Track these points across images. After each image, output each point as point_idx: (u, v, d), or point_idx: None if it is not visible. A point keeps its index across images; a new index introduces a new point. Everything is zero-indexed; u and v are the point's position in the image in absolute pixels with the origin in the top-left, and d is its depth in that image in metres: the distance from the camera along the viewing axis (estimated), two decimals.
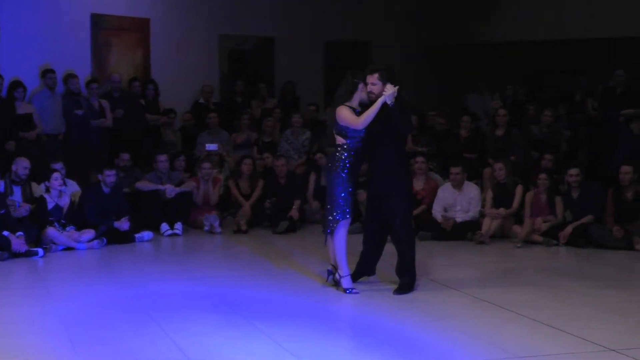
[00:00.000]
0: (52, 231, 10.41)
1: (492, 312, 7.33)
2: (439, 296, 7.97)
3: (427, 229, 11.37)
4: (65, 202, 10.85)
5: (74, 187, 11.60)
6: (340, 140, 7.83)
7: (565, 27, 15.68)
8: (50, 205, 10.70)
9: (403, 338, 6.54)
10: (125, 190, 11.84)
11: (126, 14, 14.53)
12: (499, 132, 12.80)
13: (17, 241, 9.92)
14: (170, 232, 11.55)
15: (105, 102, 13.22)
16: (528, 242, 10.84)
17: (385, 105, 7.61)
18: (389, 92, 7.61)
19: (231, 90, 15.38)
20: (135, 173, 12.41)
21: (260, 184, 12.50)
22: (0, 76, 12.37)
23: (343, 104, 7.79)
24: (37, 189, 11.22)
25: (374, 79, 7.81)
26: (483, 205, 11.60)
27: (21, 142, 12.20)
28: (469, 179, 11.97)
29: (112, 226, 10.93)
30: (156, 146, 13.46)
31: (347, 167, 7.78)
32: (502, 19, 16.72)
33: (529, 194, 11.34)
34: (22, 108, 12.40)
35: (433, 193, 11.76)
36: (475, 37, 17.12)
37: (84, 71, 13.69)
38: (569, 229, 10.72)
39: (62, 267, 9.73)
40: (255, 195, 12.39)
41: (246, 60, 15.98)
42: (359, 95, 7.86)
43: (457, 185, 11.57)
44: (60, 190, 10.84)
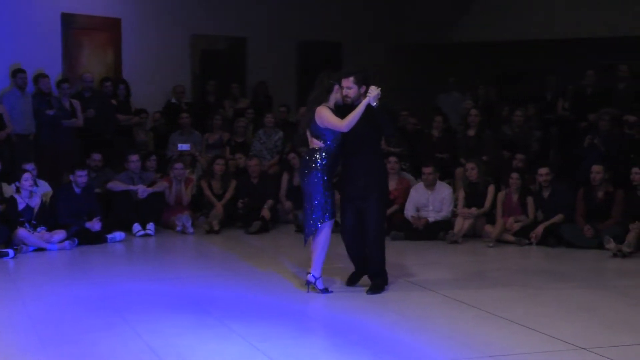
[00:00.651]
0: (22, 232, 10.34)
1: (464, 312, 7.35)
2: (412, 296, 7.97)
3: (400, 228, 11.40)
4: (36, 202, 10.78)
5: (45, 188, 11.53)
6: (316, 143, 7.69)
7: (536, 28, 15.78)
8: (20, 206, 10.62)
9: (376, 338, 6.54)
10: (97, 190, 11.80)
11: (97, 13, 14.48)
12: (471, 132, 12.85)
13: None
14: (142, 232, 11.50)
15: (76, 102, 13.15)
16: (500, 241, 10.88)
17: (369, 107, 7.50)
18: (373, 93, 7.49)
19: (204, 90, 15.35)
20: (106, 173, 12.36)
21: (233, 184, 12.48)
22: None
23: (322, 104, 7.66)
24: (8, 190, 11.14)
25: (349, 82, 7.71)
26: (455, 205, 11.66)
27: None
28: (442, 179, 12.04)
29: (83, 227, 10.88)
30: (128, 146, 13.39)
31: (324, 168, 7.66)
32: (473, 19, 16.79)
33: (500, 194, 11.39)
34: None
35: (405, 193, 11.79)
36: (446, 38, 17.20)
37: (55, 71, 13.64)
38: (540, 228, 10.80)
39: (33, 268, 9.66)
40: (228, 196, 12.37)
41: (218, 60, 15.95)
42: (334, 97, 7.73)
43: (430, 185, 11.60)
44: (31, 191, 10.76)
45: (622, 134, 12.38)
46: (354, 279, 8.19)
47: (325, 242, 7.79)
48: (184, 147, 13.30)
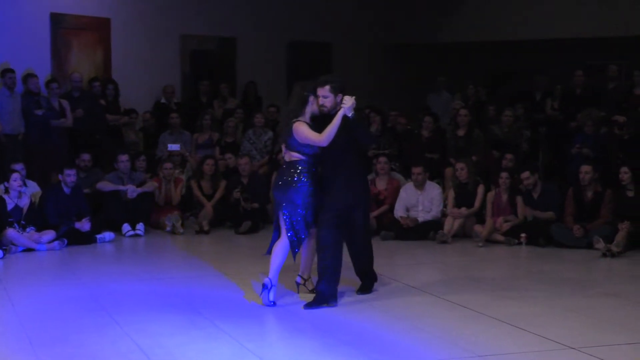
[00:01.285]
0: (11, 232, 10.32)
1: (453, 311, 7.35)
2: (401, 296, 7.98)
3: (390, 228, 11.40)
4: (25, 202, 10.76)
5: (34, 188, 11.51)
6: (296, 156, 7.44)
7: (525, 28, 15.81)
8: (9, 206, 10.61)
9: (366, 338, 6.54)
10: (86, 190, 11.78)
11: (86, 13, 14.45)
12: (461, 132, 12.85)
13: None
14: (132, 232, 11.49)
15: (65, 102, 13.11)
16: (490, 241, 10.90)
17: (345, 117, 7.29)
18: (348, 104, 7.31)
19: (197, 89, 15.34)
20: (95, 173, 12.34)
21: (223, 184, 12.47)
22: None
23: (298, 120, 7.41)
24: None
25: (325, 91, 7.44)
26: (445, 205, 11.67)
27: None
28: (431, 179, 12.04)
29: (73, 227, 10.87)
30: (117, 146, 13.37)
31: (305, 182, 7.41)
32: (462, 19, 16.81)
33: (490, 194, 11.41)
34: None
35: (395, 193, 11.79)
36: (436, 38, 17.21)
37: (44, 71, 13.60)
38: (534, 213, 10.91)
39: (22, 268, 9.65)
40: (218, 196, 12.36)
41: (208, 60, 15.93)
42: (310, 109, 7.48)
43: (419, 185, 11.61)
44: (20, 191, 10.74)
45: (611, 134, 12.40)
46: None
47: (285, 254, 7.52)
48: (173, 147, 13.28)
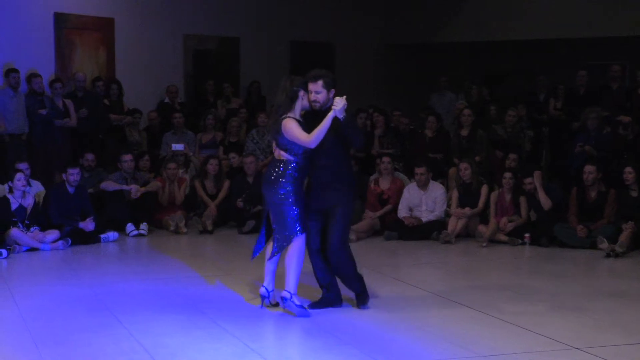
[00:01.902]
0: (16, 232, 10.33)
1: (457, 311, 7.35)
2: (405, 295, 7.98)
3: (393, 228, 11.40)
4: (29, 202, 10.77)
5: (38, 188, 11.53)
6: (284, 155, 7.15)
7: (527, 28, 15.80)
8: (14, 206, 10.61)
9: (368, 337, 6.55)
10: (90, 190, 11.78)
11: (90, 13, 14.46)
12: (464, 133, 12.85)
13: None
14: (135, 232, 11.50)
15: (69, 102, 13.13)
16: (493, 241, 10.89)
17: (335, 119, 6.95)
18: (340, 105, 6.94)
19: (202, 89, 15.35)
20: (99, 173, 12.35)
21: (226, 184, 12.47)
22: None
23: (287, 116, 7.11)
24: (0, 189, 11.13)
25: (318, 86, 7.14)
26: (449, 205, 11.67)
27: None
28: (435, 179, 12.03)
29: (77, 227, 10.88)
30: (120, 146, 13.39)
31: (294, 181, 7.14)
32: (464, 19, 16.80)
33: (493, 194, 11.40)
34: None
35: (399, 193, 11.79)
36: (439, 38, 17.21)
37: (48, 71, 13.61)
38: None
39: (26, 268, 9.66)
40: (221, 196, 12.36)
41: (211, 60, 15.95)
42: (300, 104, 7.18)
43: (423, 185, 11.61)
44: (24, 191, 10.75)
45: (615, 134, 12.39)
46: (321, 305, 7.47)
47: (300, 257, 7.22)
48: (178, 147, 13.29)
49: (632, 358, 6.05)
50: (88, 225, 10.95)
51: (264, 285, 7.38)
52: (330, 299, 7.45)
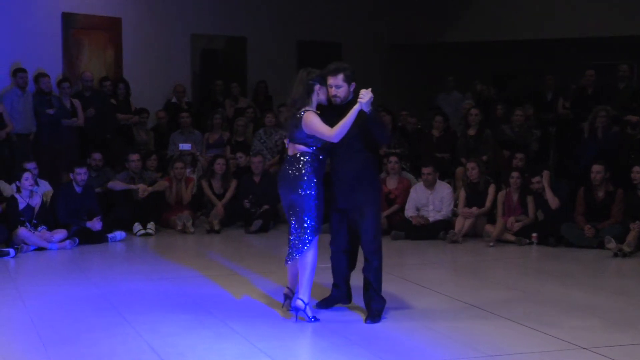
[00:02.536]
0: (23, 231, 10.35)
1: (464, 311, 7.35)
2: (412, 295, 7.97)
3: (400, 228, 11.41)
4: (36, 202, 10.79)
5: (45, 187, 11.55)
6: (301, 149, 6.87)
7: (534, 27, 15.79)
8: (21, 206, 10.63)
9: (376, 337, 6.54)
10: (97, 190, 11.80)
11: (98, 13, 14.49)
12: (471, 132, 12.84)
13: None
14: (142, 232, 11.52)
15: (77, 102, 13.16)
16: (501, 241, 10.89)
17: (361, 112, 6.66)
18: (366, 98, 6.61)
19: (210, 89, 15.36)
20: (106, 173, 12.37)
21: (233, 183, 12.48)
22: None
23: (307, 109, 6.84)
24: (8, 189, 11.16)
25: (338, 80, 6.87)
26: (456, 205, 11.67)
27: None
28: (442, 179, 12.04)
29: (84, 226, 10.90)
30: (127, 146, 13.41)
31: (315, 173, 6.88)
32: (471, 19, 16.79)
33: (501, 193, 11.40)
34: None
35: (406, 192, 11.79)
36: (445, 37, 17.21)
37: (55, 70, 13.65)
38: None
39: (33, 267, 9.68)
40: (228, 195, 12.38)
41: (218, 59, 15.96)
42: (317, 98, 6.90)
43: (429, 185, 11.61)
44: (32, 190, 10.77)
45: (623, 133, 12.36)
46: (329, 303, 7.37)
47: (314, 262, 6.95)
48: (185, 146, 13.30)
49: None
50: (95, 224, 10.97)
51: (289, 288, 7.20)
52: (337, 297, 7.34)
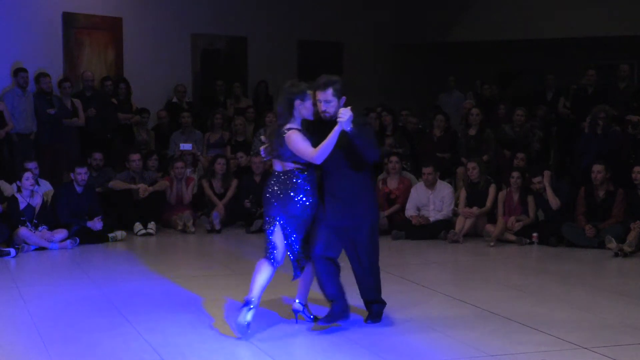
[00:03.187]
0: (24, 231, 10.37)
1: (465, 310, 7.36)
2: (412, 295, 7.99)
3: (401, 228, 11.42)
4: (37, 201, 10.81)
5: (46, 187, 11.57)
6: (290, 165, 6.60)
7: (535, 27, 15.81)
8: (22, 205, 10.66)
9: (376, 337, 6.55)
10: (98, 189, 11.82)
11: (98, 13, 14.52)
12: (472, 132, 12.86)
13: None
14: (143, 231, 11.54)
15: (77, 102, 13.20)
16: (501, 240, 10.92)
17: (344, 131, 6.32)
18: (345, 117, 6.25)
19: (212, 89, 15.37)
20: (107, 172, 12.39)
21: (234, 183, 12.49)
22: None
23: (290, 127, 6.52)
24: (7, 188, 11.18)
25: (327, 95, 6.50)
26: (456, 205, 11.68)
27: None
28: (442, 178, 12.05)
29: (85, 226, 10.92)
30: (128, 145, 13.43)
31: (308, 192, 6.61)
32: (472, 19, 16.82)
33: (501, 193, 11.41)
34: None
35: (406, 192, 11.81)
36: (447, 37, 17.22)
37: (56, 70, 13.68)
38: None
39: (34, 267, 9.72)
40: (229, 195, 12.38)
41: (219, 59, 15.97)
42: (299, 114, 6.54)
43: (430, 185, 11.62)
44: (32, 190, 10.79)
45: (623, 133, 12.37)
46: (329, 319, 6.88)
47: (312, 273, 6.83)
48: (186, 146, 13.31)
49: None
50: (96, 224, 10.99)
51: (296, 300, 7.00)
52: (336, 313, 6.84)
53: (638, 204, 10.58)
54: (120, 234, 11.23)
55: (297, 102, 6.51)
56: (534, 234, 10.87)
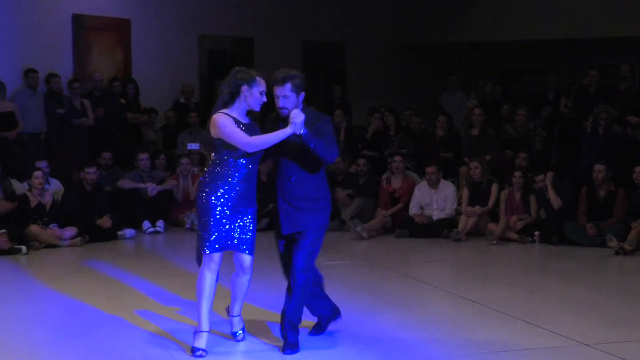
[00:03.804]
0: (35, 229, 10.50)
1: (467, 308, 7.41)
2: (415, 293, 8.06)
3: (404, 226, 11.54)
4: (47, 200, 10.93)
5: (56, 186, 11.68)
6: (213, 156, 6.10)
7: (537, 28, 15.86)
8: (32, 204, 10.78)
9: (379, 334, 6.55)
10: (107, 188, 11.94)
11: (107, 14, 14.61)
12: (474, 132, 12.91)
13: (0, 239, 10.00)
14: (152, 229, 11.67)
15: (87, 102, 13.30)
16: (503, 239, 10.98)
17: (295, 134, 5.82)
18: (299, 119, 5.82)
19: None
20: (116, 172, 12.51)
21: None
22: None
23: (220, 111, 5.99)
24: (18, 187, 11.29)
25: (286, 90, 6.07)
26: (459, 204, 11.77)
27: (2, 140, 12.30)
28: (445, 178, 12.14)
29: (94, 224, 11.04)
30: (136, 145, 13.54)
31: (218, 189, 6.04)
32: (475, 19, 16.86)
33: (503, 193, 11.50)
34: (2, 106, 12.48)
35: (410, 192, 11.91)
36: (450, 37, 17.28)
37: (66, 71, 13.79)
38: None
39: (44, 264, 9.79)
40: None
41: (225, 60, 16.05)
42: (244, 104, 6.10)
43: (433, 184, 11.72)
44: (43, 189, 10.92)
45: (624, 133, 12.44)
46: (322, 328, 6.56)
47: (201, 288, 5.98)
48: (193, 146, 13.40)
49: None
50: (105, 222, 11.13)
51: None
52: (328, 316, 6.52)
53: (639, 204, 10.66)
54: (129, 232, 11.36)
55: (244, 88, 6.05)
56: (536, 233, 10.95)
